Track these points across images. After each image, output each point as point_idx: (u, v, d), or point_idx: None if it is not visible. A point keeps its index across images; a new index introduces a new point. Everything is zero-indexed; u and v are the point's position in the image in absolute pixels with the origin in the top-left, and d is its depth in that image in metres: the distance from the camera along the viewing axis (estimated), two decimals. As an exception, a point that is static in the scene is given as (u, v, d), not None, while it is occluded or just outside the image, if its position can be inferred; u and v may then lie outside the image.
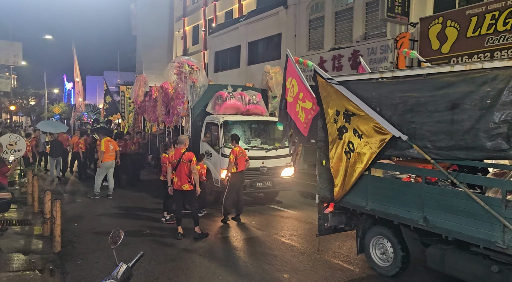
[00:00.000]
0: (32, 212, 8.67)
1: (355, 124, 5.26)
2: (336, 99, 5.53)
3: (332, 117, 5.63)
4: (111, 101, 20.60)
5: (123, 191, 11.88)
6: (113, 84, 36.46)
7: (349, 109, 5.32)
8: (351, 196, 5.54)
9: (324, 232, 6.18)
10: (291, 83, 6.73)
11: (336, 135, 5.58)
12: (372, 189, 5.30)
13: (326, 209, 6.04)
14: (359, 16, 14.32)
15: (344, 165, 5.47)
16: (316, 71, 5.95)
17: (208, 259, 6.14)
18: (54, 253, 6.09)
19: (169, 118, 11.98)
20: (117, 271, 2.62)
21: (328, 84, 5.64)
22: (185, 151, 7.21)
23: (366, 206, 5.37)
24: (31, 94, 54.39)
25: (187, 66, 10.23)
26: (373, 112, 5.04)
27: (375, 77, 5.32)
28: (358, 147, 5.24)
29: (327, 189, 5.84)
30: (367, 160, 5.14)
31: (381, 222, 5.40)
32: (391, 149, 4.94)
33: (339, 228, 6.31)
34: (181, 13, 32.11)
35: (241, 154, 8.46)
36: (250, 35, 20.29)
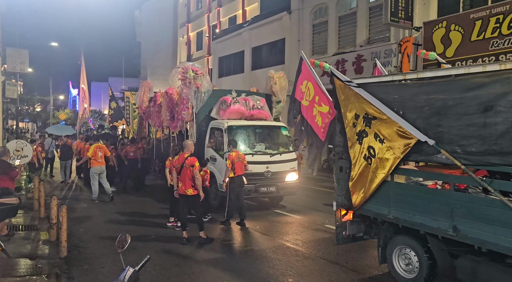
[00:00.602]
0: (39, 217, 8.72)
1: (376, 128, 5.04)
2: (355, 102, 5.32)
3: (351, 121, 5.41)
4: (116, 107, 20.73)
5: (128, 196, 11.94)
6: (118, 90, 36.73)
7: (369, 112, 5.11)
8: (372, 203, 5.28)
9: (342, 241, 5.86)
10: (307, 86, 6.49)
11: (355, 139, 5.36)
12: (395, 196, 5.02)
13: (344, 217, 5.76)
14: (362, 21, 14.37)
15: (364, 171, 5.22)
16: (333, 73, 5.75)
17: (213, 264, 6.15)
18: (60, 258, 6.12)
19: (174, 123, 12.03)
20: (124, 275, 2.64)
21: (347, 86, 5.44)
22: (189, 156, 7.25)
23: (388, 214, 5.09)
24: (37, 101, 54.76)
25: (192, 71, 10.29)
26: (396, 116, 4.81)
27: (397, 78, 5.06)
28: (379, 152, 5.01)
29: (346, 196, 5.58)
30: (389, 166, 4.90)
31: (405, 231, 5.09)
32: (416, 154, 4.71)
33: (358, 236, 6.00)
34: (185, 19, 32.35)
35: (239, 159, 8.55)
36: (253, 40, 20.38)
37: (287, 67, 17.07)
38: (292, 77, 16.30)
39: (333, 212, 9.91)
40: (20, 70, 17.63)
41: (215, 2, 27.25)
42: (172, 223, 8.35)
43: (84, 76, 25.16)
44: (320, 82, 6.21)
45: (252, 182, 9.49)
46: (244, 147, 9.87)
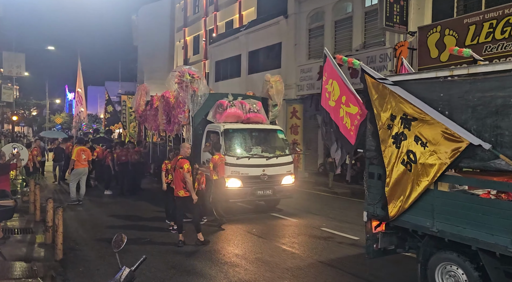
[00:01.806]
0: (34, 220, 8.69)
1: (417, 131, 4.54)
2: (391, 101, 4.84)
3: (385, 123, 4.91)
4: (112, 110, 20.72)
5: (124, 199, 11.93)
6: (114, 94, 36.68)
7: (408, 113, 4.61)
8: (411, 214, 4.71)
9: (373, 254, 5.28)
10: (332, 85, 5.97)
11: (391, 143, 4.85)
12: (440, 207, 4.45)
13: (377, 228, 5.21)
14: (358, 25, 14.48)
15: (403, 178, 4.69)
16: (364, 70, 5.22)
17: (209, 266, 6.15)
18: (56, 261, 6.11)
19: (170, 126, 12.05)
20: (120, 275, 2.66)
21: (380, 84, 4.97)
22: (181, 158, 7.30)
23: (431, 226, 4.49)
24: (33, 105, 54.63)
25: (188, 75, 10.32)
26: (441, 116, 4.31)
27: (443, 75, 4.54)
28: (421, 157, 4.49)
29: (379, 205, 5.03)
30: (434, 172, 4.37)
31: (452, 246, 4.48)
32: (468, 160, 4.15)
33: (389, 249, 5.42)
34: (182, 23, 32.44)
35: (222, 162, 8.88)
36: (250, 44, 20.47)
37: (284, 71, 17.15)
38: (288, 81, 16.46)
39: (329, 215, 10.07)
40: (17, 74, 17.65)
41: (212, 7, 27.37)
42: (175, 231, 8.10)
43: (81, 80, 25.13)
44: (347, 80, 5.74)
45: (248, 185, 9.53)
46: (241, 150, 9.92)
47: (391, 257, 5.85)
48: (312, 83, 15.89)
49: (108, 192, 12.83)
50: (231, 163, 9.51)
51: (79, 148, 11.35)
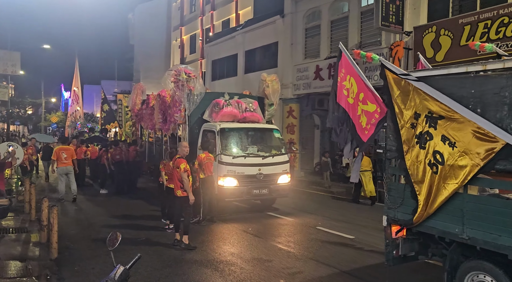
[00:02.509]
0: (29, 220, 8.66)
1: (444, 130, 4.25)
2: (414, 98, 4.55)
3: (408, 121, 4.62)
4: (108, 109, 20.66)
5: (120, 198, 11.91)
6: (111, 93, 36.57)
7: (434, 110, 4.33)
8: (438, 219, 4.39)
9: (393, 261, 4.93)
10: (350, 81, 5.68)
11: (414, 143, 4.55)
12: (472, 212, 4.12)
13: (398, 234, 4.87)
14: (354, 25, 14.52)
15: (428, 180, 4.38)
16: (384, 65, 4.95)
17: (205, 265, 6.15)
18: (51, 260, 6.09)
19: (166, 125, 12.02)
20: (114, 273, 2.66)
21: (403, 80, 4.68)
22: (178, 157, 7.27)
23: (461, 233, 4.17)
24: (28, 103, 54.36)
25: (184, 74, 10.30)
26: (472, 114, 4.01)
27: (474, 70, 4.24)
28: (449, 159, 4.19)
29: (401, 209, 4.72)
30: (465, 175, 4.07)
31: (484, 254, 4.18)
32: (505, 162, 3.83)
33: (410, 256, 5.08)
34: (178, 22, 32.38)
35: (208, 160, 8.92)
36: (247, 43, 20.47)
37: (280, 70, 17.16)
38: (285, 80, 16.48)
39: (324, 215, 10.10)
40: (12, 72, 17.57)
41: (208, 6, 27.33)
42: (171, 230, 8.00)
43: (78, 78, 25.06)
44: (364, 77, 5.49)
45: (244, 184, 9.54)
46: (237, 150, 9.92)
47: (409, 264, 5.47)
48: (309, 82, 15.92)
49: (104, 191, 12.82)
50: (227, 162, 9.52)
51: (58, 148, 11.63)
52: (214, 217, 9.07)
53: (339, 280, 5.59)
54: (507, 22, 9.67)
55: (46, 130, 46.08)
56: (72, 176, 11.51)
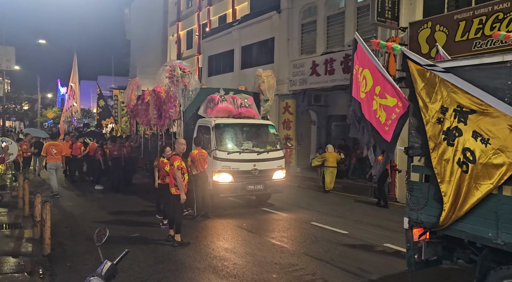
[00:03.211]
0: (23, 215, 8.64)
1: (476, 125, 3.92)
2: (441, 91, 4.23)
3: (434, 116, 4.29)
4: (104, 105, 20.59)
5: (115, 194, 11.90)
6: (107, 89, 36.42)
7: (464, 104, 4.01)
8: (468, 222, 4.06)
9: (415, 266, 4.59)
10: (362, 74, 5.34)
11: (441, 139, 4.22)
12: (507, 215, 3.79)
13: (421, 237, 4.55)
14: (350, 21, 14.46)
15: (457, 180, 4.05)
16: (407, 56, 4.59)
17: (198, 260, 6.16)
18: (43, 256, 6.08)
19: (161, 121, 11.99)
20: (101, 268, 2.66)
21: (428, 72, 4.35)
22: (174, 154, 7.23)
23: (495, 238, 3.85)
24: (24, 99, 54.10)
25: (179, 69, 10.26)
26: (509, 108, 3.71)
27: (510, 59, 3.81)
28: (482, 156, 3.87)
29: (425, 211, 4.40)
30: (500, 174, 3.75)
31: None
32: None
33: (432, 260, 4.72)
34: (175, 17, 32.21)
35: (201, 156, 8.91)
36: (243, 39, 20.39)
37: (276, 66, 17.12)
38: (281, 76, 16.45)
39: (319, 210, 10.13)
40: (7, 68, 17.46)
41: (205, 1, 27.17)
42: (166, 226, 7.96)
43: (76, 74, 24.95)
44: (382, 68, 5.10)
45: (239, 180, 9.55)
46: (232, 145, 9.91)
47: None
48: (305, 78, 15.88)
49: (99, 187, 12.80)
50: (222, 158, 9.52)
51: (48, 143, 11.93)
52: (209, 213, 9.07)
53: (331, 275, 5.61)
54: (502, 17, 9.65)
55: (42, 126, 45.91)
56: (59, 172, 11.80)
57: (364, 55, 5.37)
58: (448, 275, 5.54)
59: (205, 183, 9.15)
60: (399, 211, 10.46)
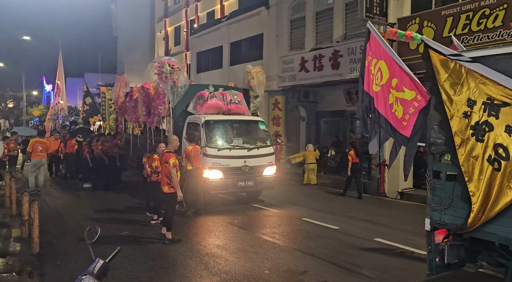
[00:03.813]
0: (10, 214, 8.50)
1: (509, 119, 3.66)
2: (468, 83, 3.96)
3: (460, 109, 4.00)
4: (91, 102, 20.33)
5: (104, 192, 11.77)
6: (94, 86, 35.97)
7: (494, 96, 3.74)
8: (500, 224, 3.77)
9: (437, 270, 4.32)
10: (377, 66, 5.03)
11: (469, 135, 3.92)
12: None
13: (445, 239, 4.33)
14: (339, 17, 14.50)
15: (487, 178, 3.78)
16: (428, 45, 4.30)
17: (189, 257, 6.13)
18: (32, 255, 6.00)
19: (150, 118, 11.89)
20: (93, 266, 2.63)
21: (453, 62, 4.07)
22: (167, 152, 7.15)
23: None
24: (9, 97, 53.18)
25: (168, 66, 10.17)
26: None
27: None
28: None
29: (449, 212, 4.14)
30: None
31: None
32: None
33: (453, 263, 4.43)
34: (162, 13, 31.91)
35: (195, 152, 8.97)
36: (232, 35, 20.30)
37: (266, 62, 17.08)
38: (270, 72, 16.42)
39: (310, 206, 10.17)
40: (-10, 65, 17.02)
41: (193, -3, 26.99)
42: (156, 221, 8.08)
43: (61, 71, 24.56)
44: (399, 59, 4.78)
45: (229, 177, 9.53)
46: (222, 142, 9.88)
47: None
48: (294, 74, 15.89)
49: (87, 185, 12.65)
50: (212, 155, 9.48)
51: (34, 140, 12.02)
52: (200, 210, 9.04)
53: (323, 270, 5.63)
54: (488, 13, 9.77)
55: (28, 124, 45.20)
56: (44, 169, 11.80)
57: (378, 46, 5.05)
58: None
59: (199, 179, 9.11)
60: (388, 206, 10.59)
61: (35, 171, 11.58)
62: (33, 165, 11.62)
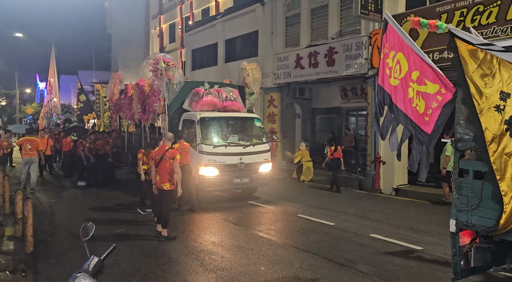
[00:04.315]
0: (3, 213, 8.43)
1: None
2: (502, 73, 3.74)
3: (492, 103, 3.75)
4: (85, 100, 20.20)
5: (99, 190, 11.71)
6: (88, 84, 35.74)
7: None
8: None
9: (461, 274, 4.10)
10: (395, 59, 4.75)
11: (502, 130, 3.70)
12: None
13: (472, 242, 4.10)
14: (334, 13, 14.48)
15: None
16: (455, 34, 4.03)
17: (185, 254, 6.12)
18: (26, 254, 5.94)
19: (145, 115, 11.84)
20: (88, 264, 2.60)
21: (483, 52, 3.83)
22: (169, 148, 7.09)
23: None
24: (2, 95, 52.72)
25: (163, 62, 10.11)
26: None
27: None
28: None
29: (477, 212, 3.91)
30: None
31: None
32: None
33: (478, 267, 4.19)
34: (157, 10, 31.74)
35: (183, 150, 8.77)
36: (227, 32, 20.23)
37: (261, 59, 17.04)
38: (265, 69, 16.38)
39: (305, 202, 10.18)
40: (-18, 62, 16.86)
41: (187, -6, 26.85)
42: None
43: (54, 69, 24.38)
44: (420, 51, 4.52)
45: (225, 174, 9.50)
46: (217, 139, 9.85)
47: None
48: (289, 71, 15.87)
49: (82, 183, 12.58)
50: (208, 152, 9.45)
51: (23, 139, 11.94)
52: (195, 207, 9.02)
53: (318, 266, 5.64)
54: (482, 10, 9.80)
55: (21, 122, 44.86)
56: (35, 167, 11.61)
57: (397, 37, 4.75)
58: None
59: (190, 176, 9.04)
60: (383, 202, 10.62)
61: (26, 169, 11.52)
62: (24, 164, 11.60)
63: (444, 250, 6.33)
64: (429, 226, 7.84)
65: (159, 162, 6.94)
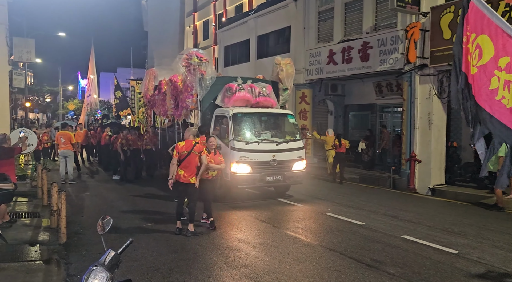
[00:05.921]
0: (42, 205, 8.81)
1: None
2: None
3: None
4: (121, 96, 20.76)
5: (132, 185, 12.02)
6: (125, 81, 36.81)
7: None
8: None
9: None
10: (474, 43, 4.15)
11: None
12: None
13: None
14: (369, 7, 14.06)
15: None
16: None
17: (210, 250, 6.13)
18: (59, 244, 6.17)
19: (178, 111, 11.95)
20: (104, 257, 2.63)
21: None
22: (197, 143, 7.13)
23: None
24: (46, 91, 55.35)
25: (196, 57, 10.11)
26: None
27: None
28: None
29: None
30: None
31: None
32: None
33: None
34: (191, 8, 32.15)
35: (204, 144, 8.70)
36: (259, 28, 20.16)
37: (293, 55, 16.83)
38: (297, 66, 16.18)
39: (335, 201, 9.96)
40: (27, 60, 17.69)
41: (221, -10, 27.01)
42: (205, 220, 7.57)
43: (93, 66, 25.23)
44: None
45: (257, 171, 9.39)
46: (250, 135, 9.73)
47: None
48: (321, 67, 15.59)
49: (116, 177, 12.95)
50: (240, 148, 9.36)
51: (58, 133, 12.65)
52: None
53: (345, 266, 5.49)
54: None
55: (64, 118, 46.93)
56: (70, 159, 12.32)
57: (481, 17, 4.14)
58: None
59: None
60: (418, 202, 10.23)
61: (63, 162, 12.22)
62: (61, 157, 12.30)
63: (480, 254, 6.00)
64: (465, 228, 7.46)
65: (186, 156, 6.90)
